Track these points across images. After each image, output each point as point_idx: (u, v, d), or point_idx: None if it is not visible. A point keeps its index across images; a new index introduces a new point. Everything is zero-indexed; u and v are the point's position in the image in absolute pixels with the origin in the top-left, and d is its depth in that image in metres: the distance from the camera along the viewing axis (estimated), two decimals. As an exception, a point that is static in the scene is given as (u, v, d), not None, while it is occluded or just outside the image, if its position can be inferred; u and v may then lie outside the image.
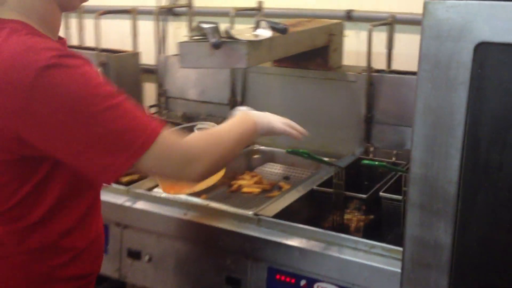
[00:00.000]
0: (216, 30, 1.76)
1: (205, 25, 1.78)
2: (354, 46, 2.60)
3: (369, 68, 2.22)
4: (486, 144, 1.07)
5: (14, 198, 1.15)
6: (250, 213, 1.81)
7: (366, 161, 1.78)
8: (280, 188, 2.29)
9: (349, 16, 2.57)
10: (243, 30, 1.90)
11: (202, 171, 1.19)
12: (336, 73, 2.34)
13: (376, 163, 1.81)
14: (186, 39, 1.86)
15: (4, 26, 1.09)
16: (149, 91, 2.94)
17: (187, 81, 2.71)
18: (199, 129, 1.74)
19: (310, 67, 2.37)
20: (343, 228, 1.84)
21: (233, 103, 2.57)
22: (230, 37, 1.76)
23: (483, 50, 1.04)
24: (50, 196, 1.18)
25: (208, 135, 1.30)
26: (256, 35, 1.84)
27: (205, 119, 2.65)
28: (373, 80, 2.22)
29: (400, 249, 1.50)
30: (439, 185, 1.13)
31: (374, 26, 2.19)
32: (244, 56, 1.74)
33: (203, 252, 1.84)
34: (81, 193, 1.24)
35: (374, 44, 2.21)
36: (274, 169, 2.48)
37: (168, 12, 3.05)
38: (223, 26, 1.80)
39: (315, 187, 1.91)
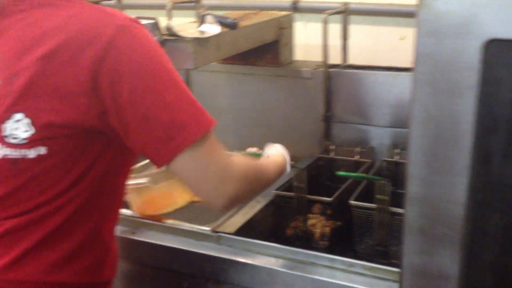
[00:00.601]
0: (156, 26, 1.54)
1: (143, 21, 1.55)
2: (302, 39, 2.43)
3: (326, 63, 2.05)
4: (499, 158, 0.92)
5: (63, 183, 1.07)
6: (207, 229, 1.60)
7: (341, 173, 1.60)
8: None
9: (296, 7, 2.39)
10: (186, 26, 1.68)
11: (233, 196, 1.12)
12: (288, 70, 2.15)
13: (353, 174, 1.64)
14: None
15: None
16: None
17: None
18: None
19: (259, 64, 2.17)
20: (307, 235, 1.68)
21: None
22: (173, 34, 1.54)
23: (494, 48, 0.87)
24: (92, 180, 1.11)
25: (253, 166, 1.25)
26: (202, 32, 1.62)
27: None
28: (330, 76, 2.05)
29: (384, 267, 1.36)
30: (442, 206, 0.96)
31: (330, 14, 2.01)
32: (190, 56, 1.53)
33: (155, 275, 1.63)
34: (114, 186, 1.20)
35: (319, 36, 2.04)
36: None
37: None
38: (164, 21, 1.57)
39: (274, 191, 1.72)
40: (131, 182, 1.64)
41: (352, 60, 2.19)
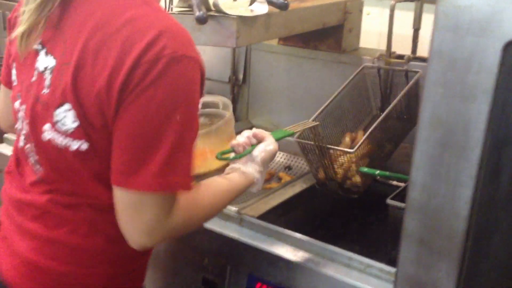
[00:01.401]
0: (203, 2, 1.52)
1: (191, -4, 1.54)
2: (376, 27, 2.33)
3: (389, 53, 1.95)
4: (509, 173, 0.83)
5: (98, 181, 1.09)
6: (234, 209, 1.58)
7: (365, 169, 1.53)
8: (280, 179, 2.07)
9: (373, -8, 2.30)
10: (238, 4, 1.65)
11: (150, 245, 1.09)
12: (350, 56, 2.07)
13: (377, 172, 1.56)
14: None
15: None
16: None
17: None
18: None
19: (320, 48, 2.10)
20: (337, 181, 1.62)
21: (234, 82, 2.33)
22: (219, 11, 1.52)
23: (515, 50, 0.78)
24: None
25: (196, 213, 1.15)
26: (252, 10, 1.59)
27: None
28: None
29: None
30: (443, 217, 0.89)
31: (398, 1, 1.91)
32: (233, 34, 1.50)
33: (177, 249, 1.64)
34: None
35: (399, 25, 1.93)
36: (276, 157, 2.24)
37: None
38: (215, -4, 1.55)
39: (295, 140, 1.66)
40: None
41: (423, 52, 2.07)
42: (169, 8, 2.47)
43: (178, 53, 0.98)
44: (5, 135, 2.00)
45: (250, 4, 1.63)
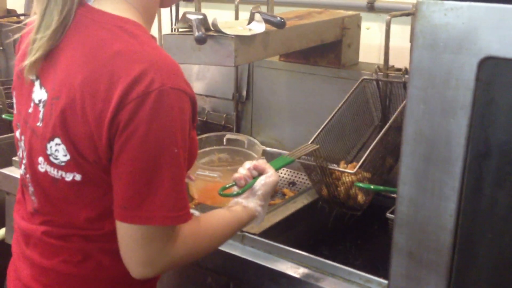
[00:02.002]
0: (202, 22, 1.55)
1: (191, 16, 1.58)
2: (377, 41, 2.35)
3: (386, 66, 1.97)
4: (491, 184, 0.84)
5: (95, 211, 1.11)
6: (235, 227, 1.60)
7: (360, 184, 1.55)
8: (283, 195, 2.09)
9: (371, 7, 2.32)
10: (237, 23, 1.69)
11: (151, 276, 1.10)
12: (349, 72, 2.10)
13: (372, 187, 1.57)
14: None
15: (121, 26, 1.06)
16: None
17: (191, 73, 2.51)
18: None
19: (321, 64, 2.13)
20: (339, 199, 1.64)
21: (238, 99, 2.36)
22: (218, 31, 1.55)
23: (490, 66, 0.80)
24: None
25: (195, 246, 1.16)
26: (250, 30, 1.62)
27: (209, 113, 2.48)
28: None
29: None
30: (430, 231, 0.90)
31: (394, 16, 1.93)
32: (231, 53, 1.53)
33: (182, 269, 1.66)
34: None
35: (397, 39, 1.96)
36: (280, 173, 2.27)
37: (180, -3, 2.85)
38: (213, 18, 1.59)
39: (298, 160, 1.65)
40: (201, 172, 1.68)
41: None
42: (172, 28, 2.52)
43: (166, 86, 0.98)
44: (14, 158, 2.04)
45: (248, 24, 1.66)
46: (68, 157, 1.05)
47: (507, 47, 0.78)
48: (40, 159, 1.09)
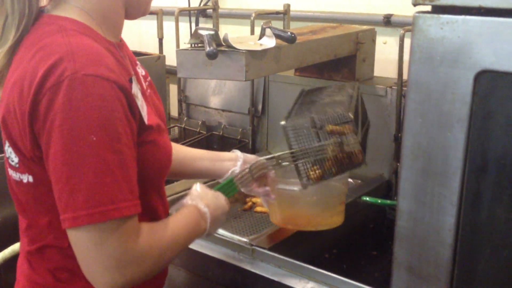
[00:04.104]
0: (214, 38, 1.58)
1: (203, 32, 1.60)
2: (394, 55, 2.34)
3: (401, 80, 1.97)
4: (489, 199, 0.84)
5: (51, 212, 1.05)
6: (245, 240, 1.61)
7: (366, 198, 1.54)
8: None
9: (388, 21, 2.32)
10: (248, 38, 1.71)
11: (121, 285, 1.00)
12: (364, 86, 2.09)
13: (379, 201, 1.56)
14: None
15: (55, 23, 1.05)
16: (175, 95, 2.79)
17: (208, 88, 2.54)
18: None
19: (335, 78, 2.14)
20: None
21: (254, 113, 2.38)
22: (229, 46, 1.57)
23: (486, 80, 0.80)
24: None
25: (158, 245, 1.08)
26: (261, 45, 1.64)
27: (225, 128, 2.49)
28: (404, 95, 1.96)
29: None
30: (429, 245, 0.90)
31: (407, 31, 1.93)
32: (242, 68, 1.55)
33: (192, 282, 1.67)
34: None
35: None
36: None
37: (200, 14, 2.89)
38: (224, 33, 1.61)
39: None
40: (280, 186, 1.54)
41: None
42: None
43: (79, 73, 0.94)
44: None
45: (259, 39, 1.68)
46: (17, 158, 1.05)
47: (503, 60, 0.78)
48: (7, 162, 1.11)
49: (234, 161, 1.49)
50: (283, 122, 1.47)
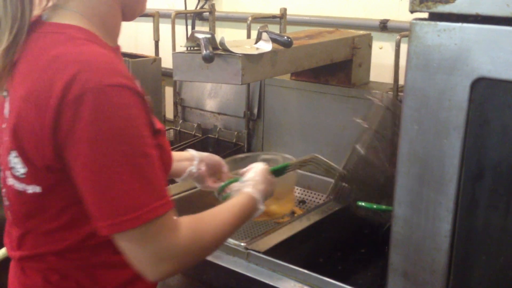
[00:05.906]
0: (210, 41, 1.58)
1: (200, 35, 1.60)
2: (390, 60, 2.35)
3: (397, 86, 1.97)
4: (485, 205, 0.84)
5: (57, 222, 1.08)
6: (241, 244, 1.61)
7: (362, 203, 1.54)
8: (293, 213, 2.08)
9: (384, 27, 2.32)
10: (244, 42, 1.71)
11: (169, 274, 1.06)
12: (359, 91, 2.10)
13: (374, 206, 1.57)
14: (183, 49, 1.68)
15: (62, 32, 1.05)
16: (171, 97, 2.79)
17: (204, 91, 2.54)
18: (264, 160, 1.57)
19: (331, 83, 2.14)
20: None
21: (249, 117, 2.38)
22: (225, 49, 1.57)
23: (483, 87, 0.80)
24: None
25: (202, 233, 1.11)
26: (257, 49, 1.64)
27: (221, 131, 2.49)
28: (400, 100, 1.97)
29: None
30: (425, 251, 0.90)
31: (403, 36, 1.93)
32: (238, 72, 1.55)
33: (186, 285, 1.67)
34: None
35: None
36: (290, 191, 2.27)
37: (197, 17, 2.89)
38: (221, 37, 1.61)
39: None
40: None
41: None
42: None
43: (102, 84, 0.95)
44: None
45: (256, 43, 1.68)
46: (25, 169, 1.05)
47: (500, 68, 0.78)
48: (8, 172, 1.10)
49: (191, 161, 1.51)
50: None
